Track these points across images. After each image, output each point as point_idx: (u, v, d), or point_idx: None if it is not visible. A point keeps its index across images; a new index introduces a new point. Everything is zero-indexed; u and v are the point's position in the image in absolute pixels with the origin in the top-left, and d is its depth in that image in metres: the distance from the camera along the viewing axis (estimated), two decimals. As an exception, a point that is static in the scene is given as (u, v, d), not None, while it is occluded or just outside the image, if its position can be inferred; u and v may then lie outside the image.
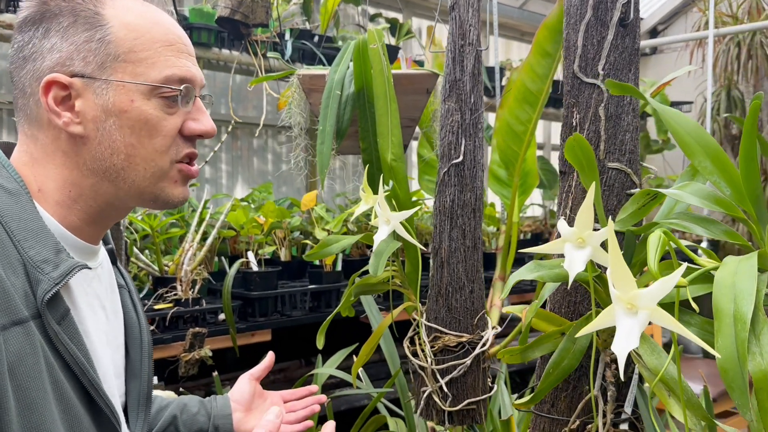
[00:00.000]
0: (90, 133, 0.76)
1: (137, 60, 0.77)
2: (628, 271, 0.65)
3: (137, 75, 0.77)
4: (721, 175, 0.77)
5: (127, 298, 0.92)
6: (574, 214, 1.04)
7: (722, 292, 0.65)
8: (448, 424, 1.26)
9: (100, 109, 0.76)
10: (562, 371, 0.90)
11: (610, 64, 1.03)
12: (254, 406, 1.11)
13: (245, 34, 2.02)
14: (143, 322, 0.93)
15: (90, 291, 0.82)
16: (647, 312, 0.64)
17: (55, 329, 0.71)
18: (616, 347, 0.65)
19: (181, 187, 0.83)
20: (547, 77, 2.00)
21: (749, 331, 0.61)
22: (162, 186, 0.80)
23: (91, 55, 0.76)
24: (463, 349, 1.26)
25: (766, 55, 3.94)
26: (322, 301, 2.04)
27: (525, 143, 2.13)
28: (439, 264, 1.28)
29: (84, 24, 0.76)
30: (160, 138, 0.78)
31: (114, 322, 0.88)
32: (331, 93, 1.38)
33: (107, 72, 0.76)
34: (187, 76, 0.79)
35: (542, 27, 1.97)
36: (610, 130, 1.03)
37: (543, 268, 0.86)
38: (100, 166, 0.77)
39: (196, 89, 0.81)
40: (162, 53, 0.78)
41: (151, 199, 0.81)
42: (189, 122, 0.81)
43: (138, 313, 0.93)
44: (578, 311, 1.03)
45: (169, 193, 0.81)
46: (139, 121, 0.77)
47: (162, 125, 0.78)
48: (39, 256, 0.71)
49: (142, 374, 0.90)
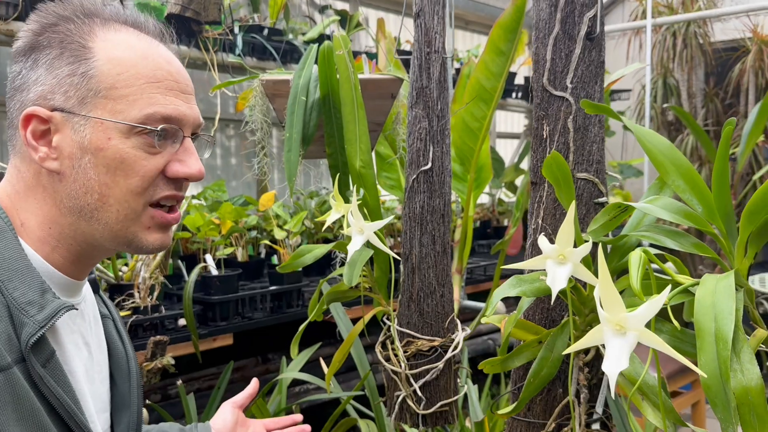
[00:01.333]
0: (66, 169, 0.74)
1: (118, 96, 0.73)
2: (617, 294, 0.67)
3: (117, 112, 0.73)
4: (693, 193, 0.81)
5: (112, 327, 0.90)
6: (545, 224, 1.07)
7: (703, 311, 0.68)
8: (422, 427, 1.28)
9: (76, 146, 0.73)
10: (541, 380, 0.93)
11: (577, 77, 1.06)
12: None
13: (197, 31, 1.97)
14: (130, 351, 0.90)
15: (75, 329, 0.80)
16: (636, 333, 0.67)
17: (40, 373, 0.69)
18: (607, 367, 0.67)
19: (157, 233, 0.78)
20: (501, 75, 2.04)
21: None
22: (134, 230, 0.76)
23: (73, 90, 0.73)
24: (435, 353, 1.29)
25: (699, 45, 4.10)
26: (284, 302, 2.04)
27: (480, 139, 2.17)
28: (410, 270, 1.30)
29: (69, 57, 0.74)
30: (137, 179, 0.74)
31: (98, 356, 0.85)
32: (296, 99, 1.37)
33: (87, 108, 0.73)
34: (172, 114, 0.75)
35: (496, 26, 2.00)
36: (578, 142, 1.06)
37: (524, 283, 0.89)
38: (75, 204, 0.74)
39: (185, 129, 0.77)
40: (145, 90, 0.74)
41: (125, 243, 0.77)
42: (174, 163, 0.76)
43: (124, 341, 0.90)
44: (551, 317, 1.06)
45: (142, 238, 0.77)
46: (115, 160, 0.73)
47: (140, 165, 0.74)
48: (23, 297, 0.69)
49: (132, 405, 0.88)
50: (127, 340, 0.92)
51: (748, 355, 0.65)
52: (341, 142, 1.42)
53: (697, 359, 0.82)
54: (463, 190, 2.20)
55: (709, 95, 4.34)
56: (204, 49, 2.07)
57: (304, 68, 1.41)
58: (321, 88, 1.38)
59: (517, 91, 3.98)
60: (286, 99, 1.41)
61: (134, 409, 0.88)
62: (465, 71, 2.44)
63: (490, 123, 2.12)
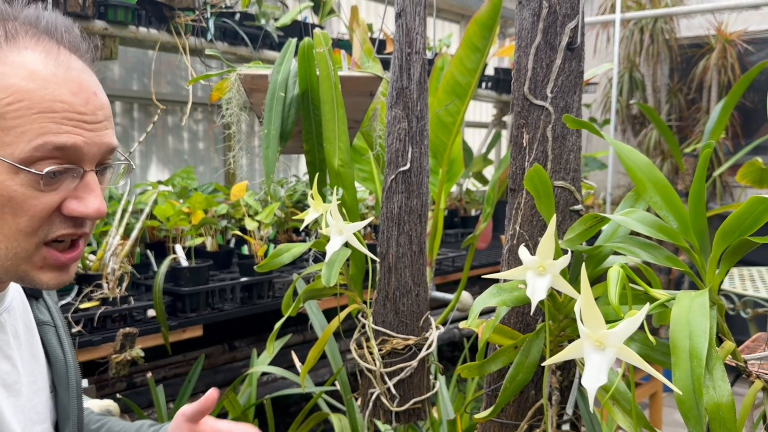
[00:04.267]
0: None
1: (6, 128, 0.66)
2: (598, 311, 0.70)
3: (4, 146, 0.66)
4: (669, 210, 0.84)
5: (53, 334, 0.86)
6: (523, 230, 1.09)
7: (678, 328, 0.71)
8: (395, 423, 1.31)
9: None
10: (517, 384, 0.96)
11: (557, 86, 1.07)
12: None
13: (169, 16, 1.93)
14: (70, 360, 0.87)
15: None
16: (615, 350, 0.69)
17: None
18: (587, 382, 0.70)
19: (51, 273, 0.72)
20: (476, 71, 2.05)
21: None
22: (25, 269, 0.71)
23: None
24: (410, 351, 1.31)
25: (665, 41, 4.18)
26: (254, 293, 2.03)
27: (453, 134, 2.19)
28: (386, 269, 1.31)
29: None
30: (26, 218, 0.68)
31: (30, 366, 0.82)
32: (275, 95, 1.36)
33: None
34: (67, 143, 0.67)
35: (472, 22, 2.01)
36: (557, 150, 1.08)
37: (504, 292, 0.91)
38: None
39: (86, 162, 0.70)
40: (36, 121, 0.66)
41: (18, 279, 0.73)
42: (70, 201, 0.70)
43: (65, 350, 0.87)
44: (526, 321, 1.09)
45: (34, 277, 0.71)
46: (2, 197, 0.66)
47: (29, 204, 0.67)
48: None
49: (71, 415, 0.85)
50: (68, 348, 0.88)
51: (720, 372, 0.68)
52: (319, 138, 1.41)
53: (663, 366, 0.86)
54: (435, 183, 2.21)
55: (673, 90, 4.44)
56: (176, 33, 2.03)
57: (283, 63, 1.40)
58: (300, 84, 1.38)
59: (488, 81, 4.01)
60: (264, 94, 1.40)
61: (74, 420, 0.85)
62: (438, 63, 2.45)
63: (464, 118, 2.13)
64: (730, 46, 4.01)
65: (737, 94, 3.22)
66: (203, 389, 1.10)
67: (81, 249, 0.75)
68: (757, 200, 0.69)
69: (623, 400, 0.93)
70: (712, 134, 3.42)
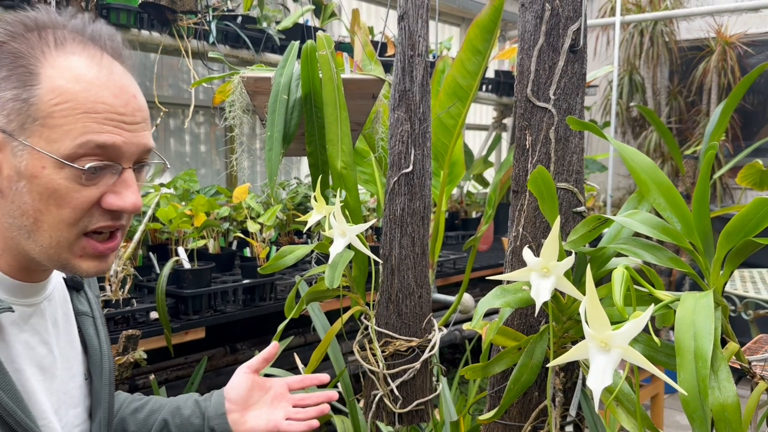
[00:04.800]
0: (4, 189, 0.75)
1: (54, 126, 0.73)
2: (604, 313, 0.70)
3: (51, 142, 0.73)
4: (673, 212, 0.84)
5: (90, 324, 0.91)
6: (526, 232, 1.09)
7: (683, 329, 0.71)
8: (398, 425, 1.31)
9: (14, 169, 0.74)
10: (521, 386, 0.96)
11: (560, 89, 1.08)
12: (253, 401, 1.03)
13: (171, 19, 1.94)
14: (105, 350, 0.92)
15: (27, 328, 0.81)
16: (620, 351, 0.70)
17: None
18: (592, 383, 0.70)
19: (90, 261, 0.78)
20: (477, 74, 2.06)
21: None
22: (66, 257, 0.77)
23: (14, 114, 0.73)
24: (413, 353, 1.31)
25: (665, 43, 4.19)
26: (256, 295, 2.03)
27: (455, 136, 2.19)
28: (389, 271, 1.31)
29: (16, 80, 0.73)
30: (68, 210, 0.74)
31: (67, 353, 0.87)
32: (277, 98, 1.36)
33: (26, 134, 0.73)
34: (107, 143, 0.74)
35: (474, 25, 2.02)
36: (559, 152, 1.09)
37: (508, 293, 0.91)
38: (13, 222, 0.75)
39: (124, 160, 0.76)
40: (80, 120, 0.73)
41: (59, 266, 0.79)
42: (109, 195, 0.76)
43: (101, 339, 0.92)
44: (529, 323, 1.09)
45: (75, 265, 0.78)
46: (48, 189, 0.73)
47: (72, 197, 0.74)
48: None
49: (103, 401, 0.90)
50: (104, 338, 0.93)
51: (725, 372, 0.69)
52: (321, 141, 1.42)
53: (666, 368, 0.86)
54: (436, 185, 2.22)
55: (673, 93, 4.44)
56: (178, 36, 2.03)
57: (286, 66, 1.41)
58: (303, 87, 1.38)
59: (488, 84, 4.02)
60: (267, 96, 1.41)
61: (105, 406, 0.89)
62: (440, 66, 2.45)
63: (465, 120, 2.14)
64: (730, 49, 4.02)
65: (738, 97, 3.22)
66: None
67: (119, 240, 0.80)
68: (761, 201, 0.69)
69: (627, 402, 0.93)
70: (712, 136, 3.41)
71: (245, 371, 1.04)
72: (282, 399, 1.04)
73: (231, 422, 1.00)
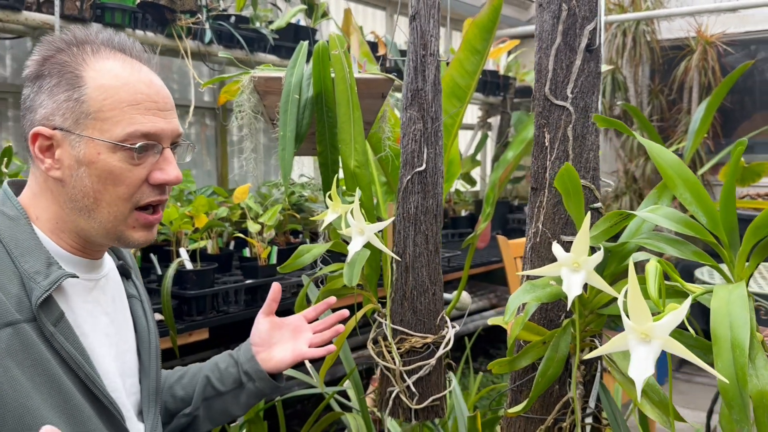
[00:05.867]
0: (66, 177, 0.88)
1: (105, 118, 0.87)
2: (645, 305, 0.72)
3: (104, 132, 0.87)
4: (698, 206, 0.86)
5: (139, 307, 1.04)
6: (545, 228, 1.11)
7: (719, 320, 0.74)
8: (414, 421, 1.32)
9: (74, 159, 0.87)
10: (548, 379, 0.98)
11: (577, 87, 1.10)
12: (276, 340, 1.17)
13: (170, 19, 1.92)
14: (152, 329, 1.05)
15: (90, 299, 0.93)
16: (660, 342, 0.72)
17: (50, 330, 0.83)
18: (633, 373, 0.72)
19: (141, 231, 0.93)
20: (475, 73, 2.07)
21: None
22: (122, 229, 0.91)
23: (69, 112, 0.87)
24: (428, 349, 1.32)
25: (647, 42, 4.25)
26: (258, 296, 2.03)
27: (452, 136, 2.20)
28: (403, 268, 1.32)
29: (66, 85, 0.88)
30: (123, 187, 0.89)
31: (123, 328, 0.99)
32: (289, 97, 1.37)
33: (80, 127, 0.87)
34: (150, 131, 0.89)
35: (472, 25, 2.03)
36: (577, 150, 1.11)
37: (537, 288, 0.93)
38: (75, 206, 0.89)
39: (164, 141, 0.91)
40: (127, 112, 0.88)
41: (115, 238, 0.92)
42: (155, 172, 0.91)
43: (148, 320, 1.05)
44: (549, 318, 1.11)
45: (129, 235, 0.92)
46: (105, 171, 0.87)
47: (125, 176, 0.88)
48: (32, 268, 0.85)
49: (151, 373, 1.02)
50: (151, 318, 1.06)
51: (762, 360, 0.71)
52: (332, 140, 1.42)
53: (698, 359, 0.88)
54: (434, 184, 2.23)
55: (655, 92, 4.51)
56: (177, 37, 2.02)
57: (296, 66, 1.41)
58: (314, 86, 1.38)
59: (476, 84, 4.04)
60: (277, 96, 1.41)
61: (152, 377, 1.02)
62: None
63: (462, 119, 2.16)
64: (710, 48, 4.10)
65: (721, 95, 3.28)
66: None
67: (161, 214, 0.96)
68: (795, 195, 0.72)
69: (651, 392, 0.96)
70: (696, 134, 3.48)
71: (261, 317, 1.19)
72: (301, 331, 1.18)
73: (260, 361, 1.13)
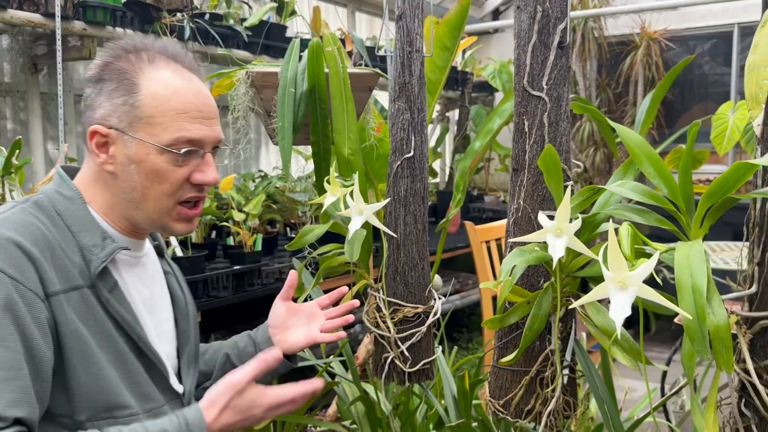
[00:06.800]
0: (118, 172, 0.99)
1: (155, 123, 0.98)
2: (623, 258, 0.87)
3: (154, 135, 0.98)
4: (661, 179, 1.02)
5: (174, 281, 1.16)
6: (525, 204, 1.26)
7: (681, 270, 0.89)
8: (407, 383, 1.45)
9: (126, 157, 0.98)
10: (534, 332, 1.13)
11: (551, 80, 1.25)
12: (291, 323, 1.27)
13: (155, 17, 2.00)
14: (189, 298, 1.18)
15: (133, 273, 1.05)
16: (635, 288, 0.87)
17: (106, 296, 0.96)
18: (614, 315, 0.86)
19: (182, 223, 1.04)
20: (445, 68, 2.22)
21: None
22: (166, 220, 1.03)
23: (124, 115, 0.98)
24: (419, 318, 1.46)
25: (595, 39, 4.49)
26: (245, 281, 2.13)
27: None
28: (395, 246, 1.45)
29: (123, 90, 0.98)
30: (168, 184, 1.00)
31: (160, 300, 1.11)
32: (285, 91, 1.48)
33: (133, 129, 0.98)
34: (195, 137, 1.00)
35: (443, 23, 2.18)
36: (551, 134, 1.26)
37: (526, 253, 1.07)
38: (125, 197, 1.00)
39: (206, 147, 1.02)
40: (175, 119, 0.98)
41: (160, 228, 1.05)
42: (196, 173, 1.02)
43: (184, 292, 1.17)
44: (530, 282, 1.26)
45: (172, 226, 1.04)
46: (152, 170, 0.98)
47: (170, 175, 0.99)
48: (90, 242, 0.97)
49: (191, 338, 1.15)
50: (186, 290, 1.18)
51: (717, 301, 0.87)
52: (324, 131, 1.54)
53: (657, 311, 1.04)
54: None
55: (602, 85, 4.76)
56: (162, 34, 2.10)
57: (290, 61, 1.52)
58: (308, 81, 1.50)
59: (434, 78, 4.19)
60: (273, 90, 1.52)
61: (193, 342, 1.14)
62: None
63: (432, 113, 2.30)
64: (653, 44, 4.35)
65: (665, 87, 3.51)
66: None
67: (201, 209, 1.07)
68: (740, 165, 0.88)
69: (623, 341, 1.11)
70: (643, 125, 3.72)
71: (279, 302, 1.29)
72: (315, 317, 1.29)
73: (276, 343, 1.24)
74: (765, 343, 1.00)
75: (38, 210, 0.97)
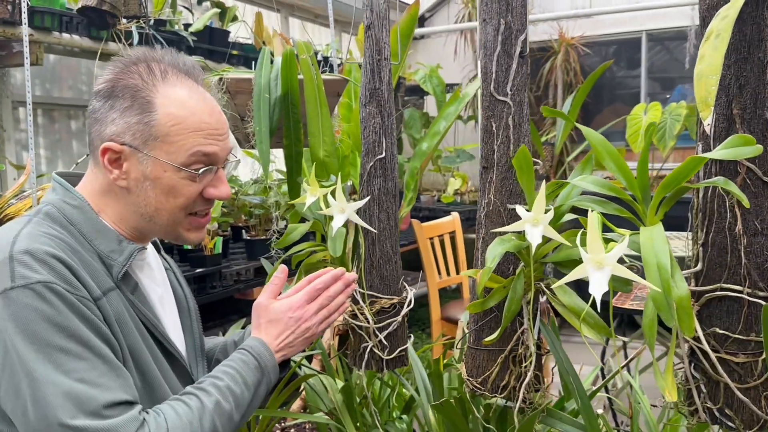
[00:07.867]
0: (132, 187, 1.02)
1: (171, 142, 1.00)
2: (601, 241, 1.00)
3: (170, 153, 1.00)
4: (620, 173, 1.16)
5: (173, 277, 1.21)
6: (495, 198, 1.38)
7: (647, 249, 1.03)
8: (386, 370, 1.55)
9: (140, 173, 1.01)
10: (512, 313, 1.25)
11: (515, 86, 1.38)
12: None
13: (111, 23, 2.00)
14: (188, 293, 1.22)
15: (145, 274, 1.10)
16: (611, 267, 1.00)
17: (130, 298, 1.00)
18: (594, 291, 0.99)
19: (194, 232, 1.09)
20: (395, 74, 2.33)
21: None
22: (179, 230, 1.07)
23: (138, 133, 0.99)
24: (394, 309, 1.55)
25: (517, 45, 4.73)
26: (207, 283, 2.16)
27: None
28: (370, 242, 1.55)
29: (138, 108, 0.99)
30: (182, 199, 1.03)
31: (167, 296, 1.15)
32: (260, 96, 1.55)
33: (148, 147, 0.99)
34: (209, 152, 1.02)
35: (392, 31, 2.29)
36: (516, 135, 1.39)
37: (506, 242, 1.20)
38: (137, 210, 1.03)
39: (219, 162, 1.05)
40: (190, 137, 1.00)
41: (172, 238, 1.10)
42: (209, 188, 1.06)
43: (183, 286, 1.21)
44: (502, 270, 1.38)
45: (183, 235, 1.08)
46: (168, 186, 1.01)
47: (185, 191, 1.03)
48: (107, 248, 1.00)
49: (194, 332, 1.19)
50: (184, 284, 1.22)
51: (679, 276, 1.01)
52: (296, 134, 1.62)
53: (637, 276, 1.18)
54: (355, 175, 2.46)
55: (524, 88, 5.02)
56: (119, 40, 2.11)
57: (262, 68, 1.59)
58: (282, 86, 1.57)
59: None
60: (247, 96, 1.58)
61: (196, 335, 1.18)
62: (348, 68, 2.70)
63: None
64: (571, 50, 4.63)
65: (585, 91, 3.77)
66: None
67: (209, 217, 1.12)
68: (693, 159, 1.03)
69: (589, 317, 1.25)
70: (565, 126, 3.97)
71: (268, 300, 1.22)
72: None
73: None
74: (710, 313, 1.16)
75: (52, 221, 0.99)
